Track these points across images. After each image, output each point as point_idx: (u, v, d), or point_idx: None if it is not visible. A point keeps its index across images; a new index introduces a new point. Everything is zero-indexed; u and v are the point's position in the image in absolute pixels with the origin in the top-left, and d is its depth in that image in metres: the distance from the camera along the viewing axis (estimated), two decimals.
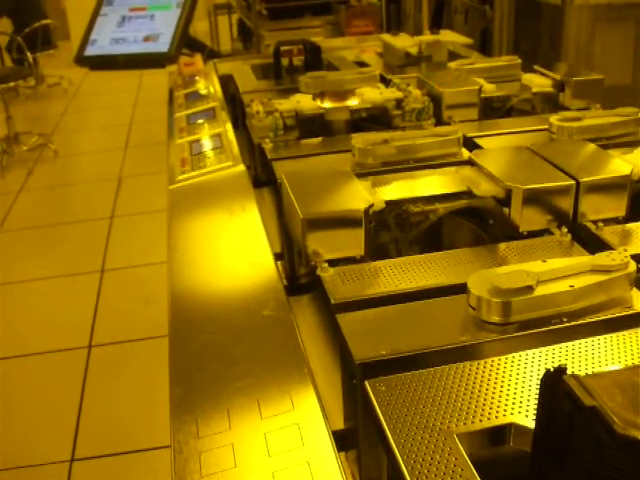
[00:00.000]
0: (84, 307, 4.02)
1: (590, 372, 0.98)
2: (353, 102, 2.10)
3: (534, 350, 1.04)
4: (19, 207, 5.57)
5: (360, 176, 1.53)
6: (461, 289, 1.15)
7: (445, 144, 1.73)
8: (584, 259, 1.18)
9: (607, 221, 1.41)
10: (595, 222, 1.40)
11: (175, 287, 1.45)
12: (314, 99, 2.08)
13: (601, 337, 1.07)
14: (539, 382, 0.90)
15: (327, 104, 2.09)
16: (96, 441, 3.02)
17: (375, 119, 2.06)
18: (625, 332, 1.08)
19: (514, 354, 1.03)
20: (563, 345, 1.05)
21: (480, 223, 1.54)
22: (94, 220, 5.19)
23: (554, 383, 0.77)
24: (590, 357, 1.02)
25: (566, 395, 0.75)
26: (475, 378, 0.98)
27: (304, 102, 2.03)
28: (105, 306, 4.04)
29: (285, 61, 2.82)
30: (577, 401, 0.73)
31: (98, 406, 3.24)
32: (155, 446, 2.91)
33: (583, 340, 1.06)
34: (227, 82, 2.84)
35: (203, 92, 2.72)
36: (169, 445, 1.05)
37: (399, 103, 2.03)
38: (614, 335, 1.07)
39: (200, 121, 2.40)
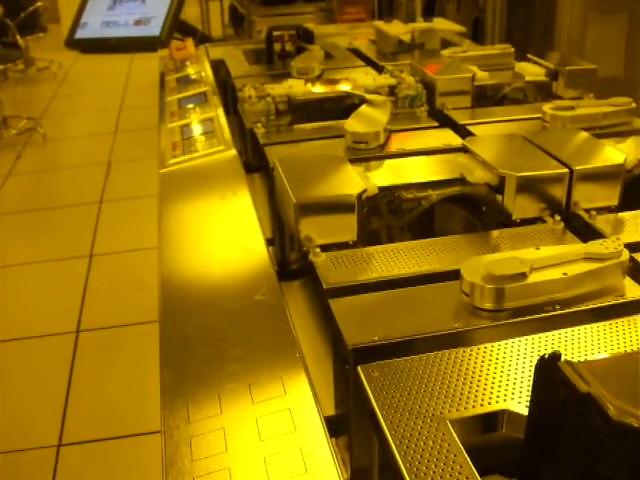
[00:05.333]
0: (72, 292, 4.00)
1: (582, 359, 0.98)
2: (345, 88, 2.09)
3: (527, 337, 1.04)
4: (7, 191, 5.53)
5: (353, 161, 1.52)
6: (454, 275, 1.15)
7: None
8: (577, 247, 1.17)
9: (600, 210, 1.41)
10: (588, 211, 1.40)
11: (166, 271, 1.44)
12: (306, 84, 2.06)
13: (593, 325, 1.06)
14: (532, 369, 0.90)
15: (319, 89, 2.08)
16: (84, 426, 3.01)
17: None
18: (617, 320, 1.08)
19: (507, 341, 1.03)
20: (555, 332, 1.05)
21: (473, 210, 1.54)
22: (83, 205, 5.16)
23: (548, 370, 0.77)
24: (582, 344, 1.02)
25: (561, 382, 0.75)
26: (468, 364, 0.98)
27: (296, 87, 2.02)
28: (93, 291, 4.02)
29: (277, 46, 2.80)
30: (572, 388, 0.73)
31: (86, 391, 3.23)
32: (143, 431, 2.91)
33: (575, 328, 1.06)
34: (219, 67, 2.82)
35: (194, 76, 2.70)
36: (158, 430, 1.04)
37: (392, 90, 2.02)
38: (606, 323, 1.07)
39: (191, 105, 2.39)
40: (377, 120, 1.77)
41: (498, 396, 0.92)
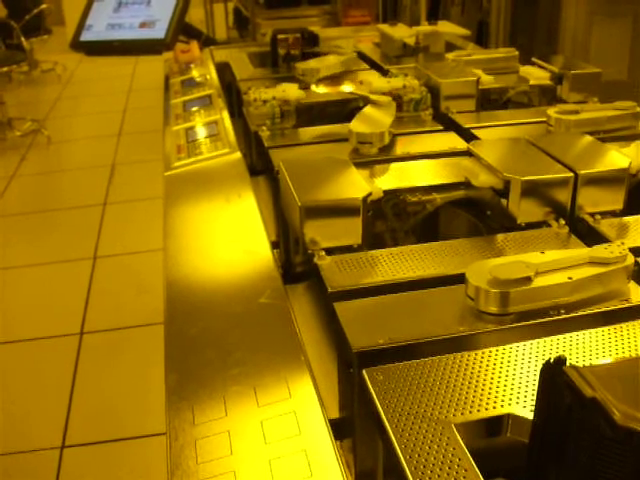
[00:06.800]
0: (76, 294, 4.01)
1: (587, 364, 0.98)
2: (348, 89, 2.09)
3: (531, 341, 1.04)
4: (11, 193, 5.54)
5: (358, 165, 1.53)
6: (459, 279, 1.15)
7: None
8: (582, 251, 1.17)
9: (604, 214, 1.41)
10: (593, 215, 1.40)
11: (171, 274, 1.44)
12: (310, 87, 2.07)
13: (598, 329, 1.07)
14: (536, 373, 0.91)
15: (324, 92, 2.08)
16: (87, 428, 3.01)
17: None
18: (622, 324, 1.08)
19: (511, 345, 1.03)
20: (560, 337, 1.05)
21: (477, 214, 1.54)
22: (87, 207, 5.16)
23: (554, 374, 0.77)
24: (587, 349, 1.02)
25: (566, 386, 0.75)
26: (473, 368, 0.98)
27: (290, 91, 2.01)
28: (97, 293, 4.02)
29: (282, 50, 2.80)
30: (577, 392, 0.73)
31: (90, 393, 3.23)
32: (147, 434, 2.91)
33: (580, 332, 1.06)
34: (223, 70, 2.83)
35: (199, 79, 2.71)
36: (161, 433, 1.04)
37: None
38: (611, 327, 1.07)
39: (196, 108, 2.39)
40: (382, 121, 1.77)
41: (503, 400, 0.92)
